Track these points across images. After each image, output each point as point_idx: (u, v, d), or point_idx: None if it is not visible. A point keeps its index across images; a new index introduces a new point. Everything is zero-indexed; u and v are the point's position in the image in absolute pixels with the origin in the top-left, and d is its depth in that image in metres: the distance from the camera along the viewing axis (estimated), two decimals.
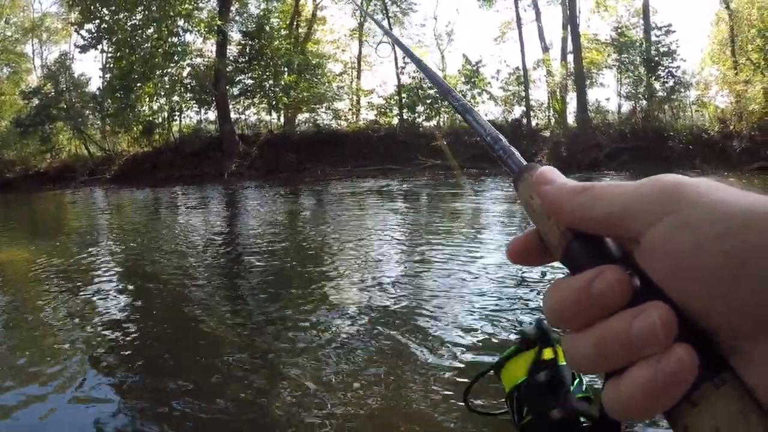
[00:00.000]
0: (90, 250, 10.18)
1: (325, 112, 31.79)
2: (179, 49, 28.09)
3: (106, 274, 8.23)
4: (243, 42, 30.26)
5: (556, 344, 1.05)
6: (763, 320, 0.31)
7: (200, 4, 28.23)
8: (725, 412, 0.32)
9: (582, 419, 0.96)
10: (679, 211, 0.34)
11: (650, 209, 0.35)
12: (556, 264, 0.40)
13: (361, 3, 30.22)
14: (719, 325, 0.33)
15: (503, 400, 1.11)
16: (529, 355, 1.03)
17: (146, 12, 27.13)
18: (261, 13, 30.53)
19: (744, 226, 0.32)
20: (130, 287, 7.63)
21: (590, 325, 0.36)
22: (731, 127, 25.56)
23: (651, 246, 0.35)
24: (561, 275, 0.40)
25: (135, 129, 29.51)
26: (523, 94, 30.47)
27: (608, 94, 39.82)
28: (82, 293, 7.15)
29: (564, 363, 1.01)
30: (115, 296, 7.05)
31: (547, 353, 1.03)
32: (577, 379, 1.01)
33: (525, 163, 0.45)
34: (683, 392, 0.33)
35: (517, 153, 0.47)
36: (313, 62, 30.82)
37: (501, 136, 0.48)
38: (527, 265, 0.45)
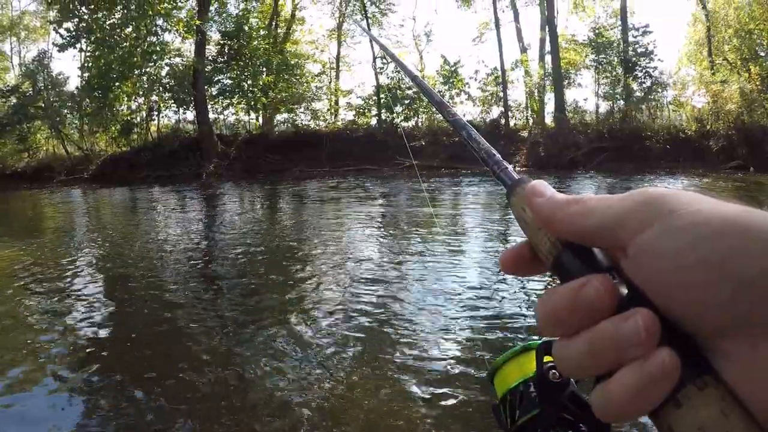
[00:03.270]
0: (66, 250, 10.13)
1: (304, 113, 31.87)
2: (158, 48, 27.91)
3: (83, 274, 8.20)
4: (222, 42, 30.14)
5: None
6: (741, 321, 0.33)
7: (179, 4, 28.05)
8: (708, 413, 0.33)
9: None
10: (660, 221, 0.36)
11: (635, 220, 0.37)
12: None
13: (368, 27, 30.20)
14: (701, 327, 0.35)
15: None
16: (531, 356, 1.01)
17: (125, 11, 26.94)
18: (240, 13, 30.45)
19: (720, 232, 0.34)
20: (107, 288, 7.61)
21: (579, 331, 0.38)
22: (708, 126, 25.84)
23: (636, 254, 0.37)
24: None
25: (113, 128, 29.33)
26: (501, 94, 30.60)
27: (586, 95, 40.31)
28: (58, 293, 7.14)
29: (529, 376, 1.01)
30: (91, 296, 7.02)
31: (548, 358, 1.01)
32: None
33: (517, 177, 0.47)
34: (667, 394, 0.34)
35: (510, 167, 0.48)
36: (292, 62, 30.86)
37: (494, 151, 0.50)
38: (519, 275, 0.46)
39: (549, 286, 0.43)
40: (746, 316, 0.33)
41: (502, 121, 30.20)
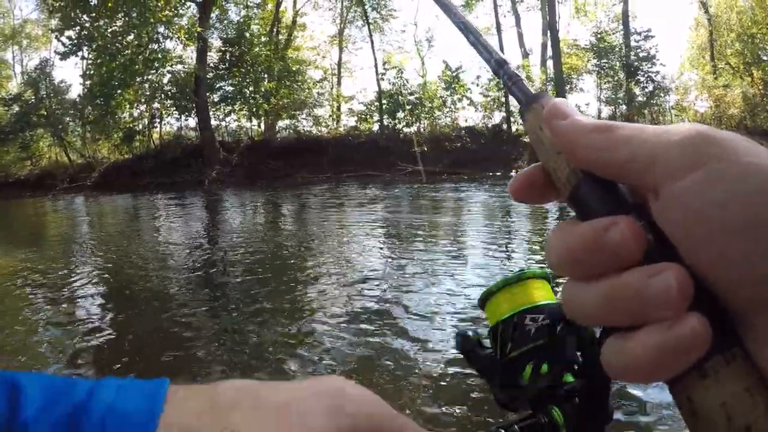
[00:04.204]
0: (69, 257, 10.12)
1: (306, 119, 31.97)
2: (159, 55, 28.04)
3: (85, 281, 8.17)
4: (223, 48, 30.21)
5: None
6: None
7: (180, 11, 28.21)
8: (733, 388, 0.31)
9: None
10: (707, 166, 0.32)
11: (674, 161, 0.33)
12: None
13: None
14: (735, 295, 0.32)
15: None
16: (525, 287, 0.97)
17: (126, 19, 27.04)
18: (241, 19, 30.58)
19: None
20: (109, 295, 7.59)
21: (597, 276, 0.34)
22: None
23: (672, 199, 0.33)
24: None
25: (115, 136, 29.46)
26: (503, 99, 30.54)
27: (588, 99, 40.19)
28: (60, 300, 7.12)
29: (535, 304, 0.97)
30: (94, 303, 7.02)
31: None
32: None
33: (532, 92, 0.42)
34: (691, 363, 0.31)
35: (523, 79, 0.43)
36: (293, 69, 30.89)
37: (507, 60, 0.44)
38: (529, 202, 0.42)
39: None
40: None
41: (505, 126, 30.14)
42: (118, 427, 0.30)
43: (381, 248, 9.90)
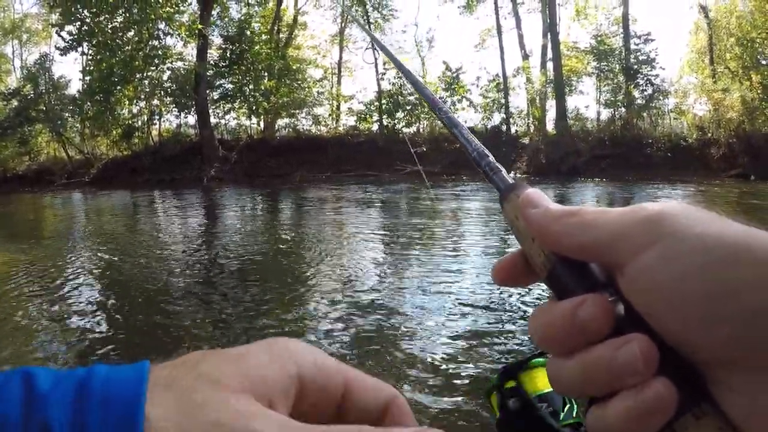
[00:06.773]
0: (67, 254, 10.14)
1: (305, 118, 31.97)
2: (159, 52, 27.97)
3: (83, 278, 8.21)
4: (224, 46, 30.17)
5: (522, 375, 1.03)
6: (745, 353, 0.32)
7: (181, 8, 28.06)
8: None
9: None
10: (662, 242, 0.35)
11: (635, 238, 0.36)
12: None
13: (350, 7, 30.25)
14: (701, 355, 0.34)
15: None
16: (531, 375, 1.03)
17: (127, 15, 26.93)
18: (242, 17, 30.52)
19: (728, 260, 0.32)
20: (107, 291, 7.63)
21: (574, 351, 0.37)
22: (709, 134, 25.85)
23: (635, 276, 0.35)
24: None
25: (114, 132, 29.33)
26: (503, 101, 30.64)
27: (587, 102, 40.17)
28: (57, 297, 7.14)
29: (538, 393, 1.01)
30: (91, 300, 7.05)
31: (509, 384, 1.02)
32: (568, 405, 1.01)
33: (511, 181, 0.44)
34: (662, 424, 0.33)
35: (503, 170, 0.46)
36: (294, 67, 30.87)
37: (487, 152, 0.48)
38: (513, 285, 0.45)
39: (546, 296, 0.41)
40: (754, 350, 0.32)
41: (504, 127, 30.21)
42: (117, 384, 0.31)
43: (379, 250, 9.92)
